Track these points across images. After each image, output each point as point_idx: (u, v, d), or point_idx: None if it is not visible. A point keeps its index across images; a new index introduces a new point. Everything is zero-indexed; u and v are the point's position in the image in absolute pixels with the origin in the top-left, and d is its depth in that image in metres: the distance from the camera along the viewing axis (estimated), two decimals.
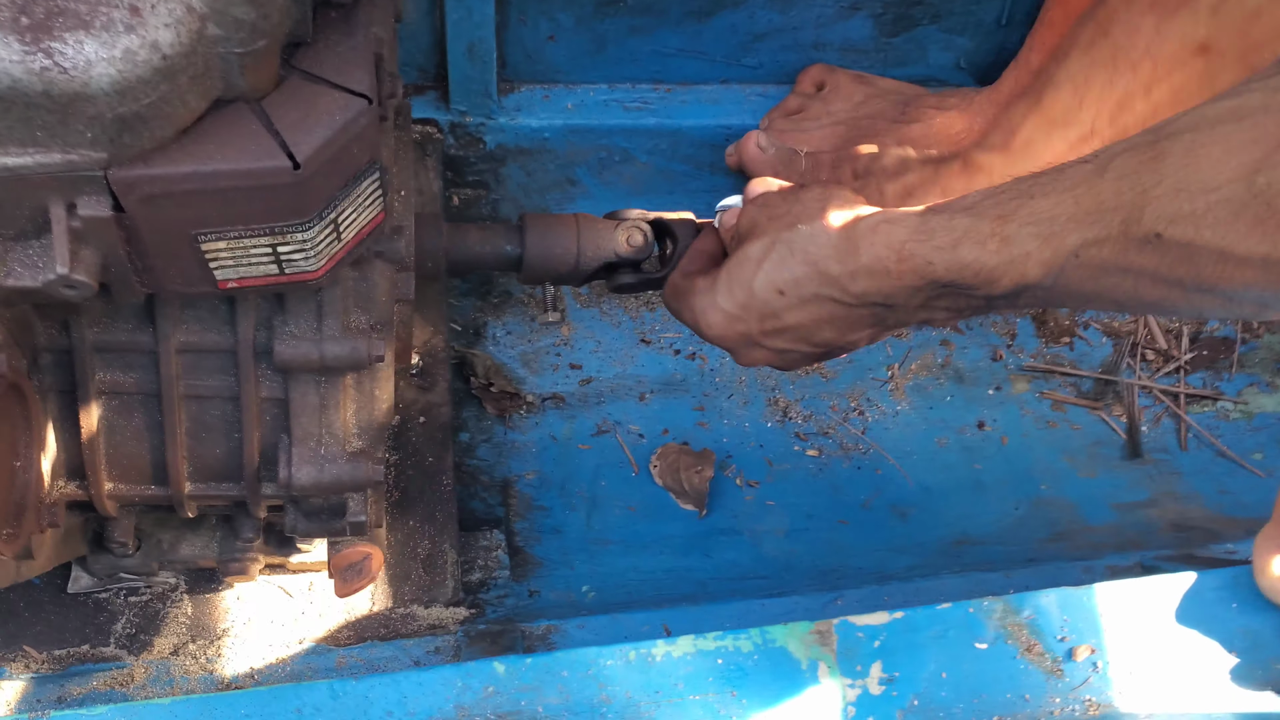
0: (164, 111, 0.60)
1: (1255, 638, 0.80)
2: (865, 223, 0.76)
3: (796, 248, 0.78)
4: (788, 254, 0.78)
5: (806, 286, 0.77)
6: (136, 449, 0.85)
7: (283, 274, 0.72)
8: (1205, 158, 0.56)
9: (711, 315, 0.84)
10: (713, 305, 0.84)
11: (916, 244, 0.72)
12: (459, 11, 1.19)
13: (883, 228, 0.74)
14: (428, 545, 1.07)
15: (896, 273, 0.73)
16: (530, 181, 1.36)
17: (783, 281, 0.78)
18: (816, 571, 1.19)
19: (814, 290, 0.77)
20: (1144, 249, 0.60)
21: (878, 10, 1.31)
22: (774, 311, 0.80)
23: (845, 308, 0.77)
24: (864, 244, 0.75)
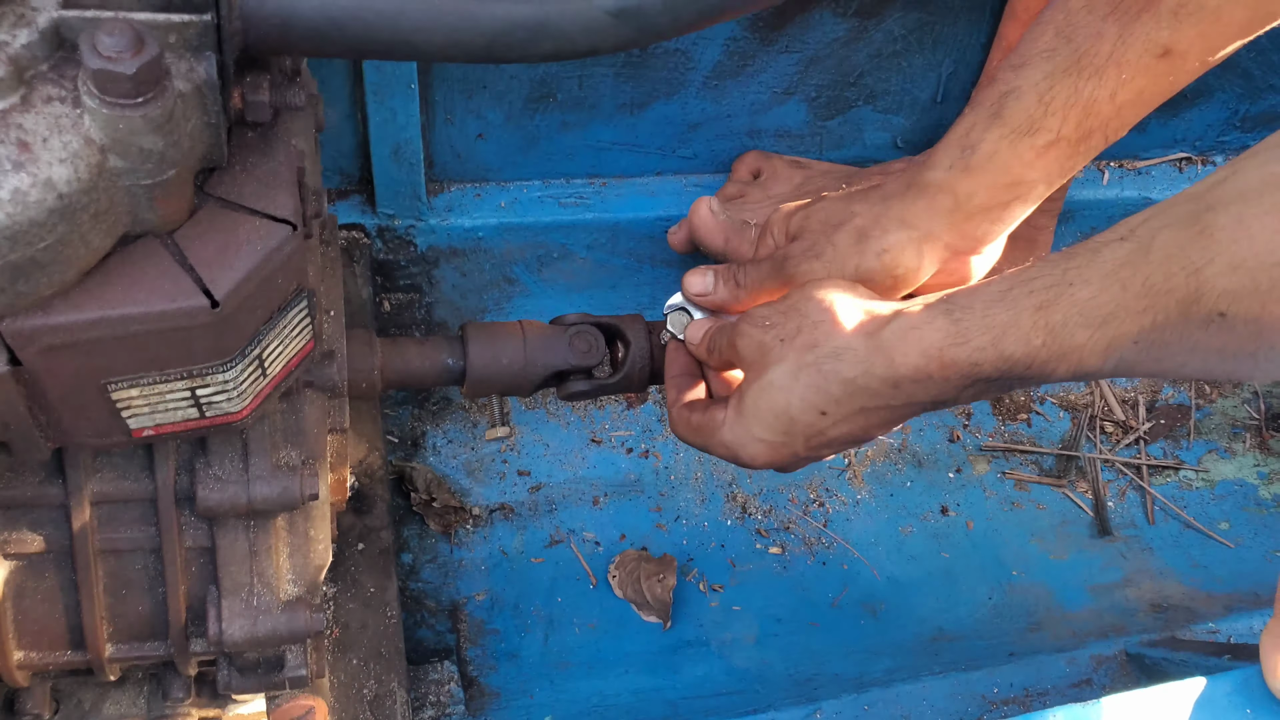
0: (63, 254, 0.54)
1: None
2: (891, 330, 0.73)
3: (827, 370, 0.76)
4: (819, 378, 0.76)
5: (849, 404, 0.76)
6: (49, 613, 0.77)
7: (204, 417, 0.66)
8: (1260, 229, 0.54)
9: (753, 448, 0.82)
10: (750, 438, 0.82)
11: (955, 349, 0.70)
12: (382, 114, 1.14)
13: (912, 335, 0.72)
14: (374, 685, 0.99)
15: (940, 378, 0.71)
16: (465, 282, 1.30)
17: (823, 404, 0.77)
18: (791, 682, 1.13)
19: (859, 405, 0.76)
20: (1208, 328, 0.57)
21: (811, 94, 1.29)
22: (820, 430, 0.78)
23: (893, 410, 0.76)
24: (898, 355, 0.72)
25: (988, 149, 0.86)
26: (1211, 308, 0.57)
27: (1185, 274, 0.58)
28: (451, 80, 1.17)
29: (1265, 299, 0.54)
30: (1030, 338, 0.67)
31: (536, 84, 1.19)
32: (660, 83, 1.22)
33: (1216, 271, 0.56)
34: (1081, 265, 0.65)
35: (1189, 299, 0.58)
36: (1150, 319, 0.60)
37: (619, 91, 1.22)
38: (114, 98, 0.50)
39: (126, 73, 0.50)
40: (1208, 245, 0.56)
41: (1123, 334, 0.62)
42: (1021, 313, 0.67)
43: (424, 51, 0.59)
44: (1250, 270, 0.55)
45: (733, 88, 1.25)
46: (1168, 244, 0.59)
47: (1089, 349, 0.64)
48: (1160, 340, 0.61)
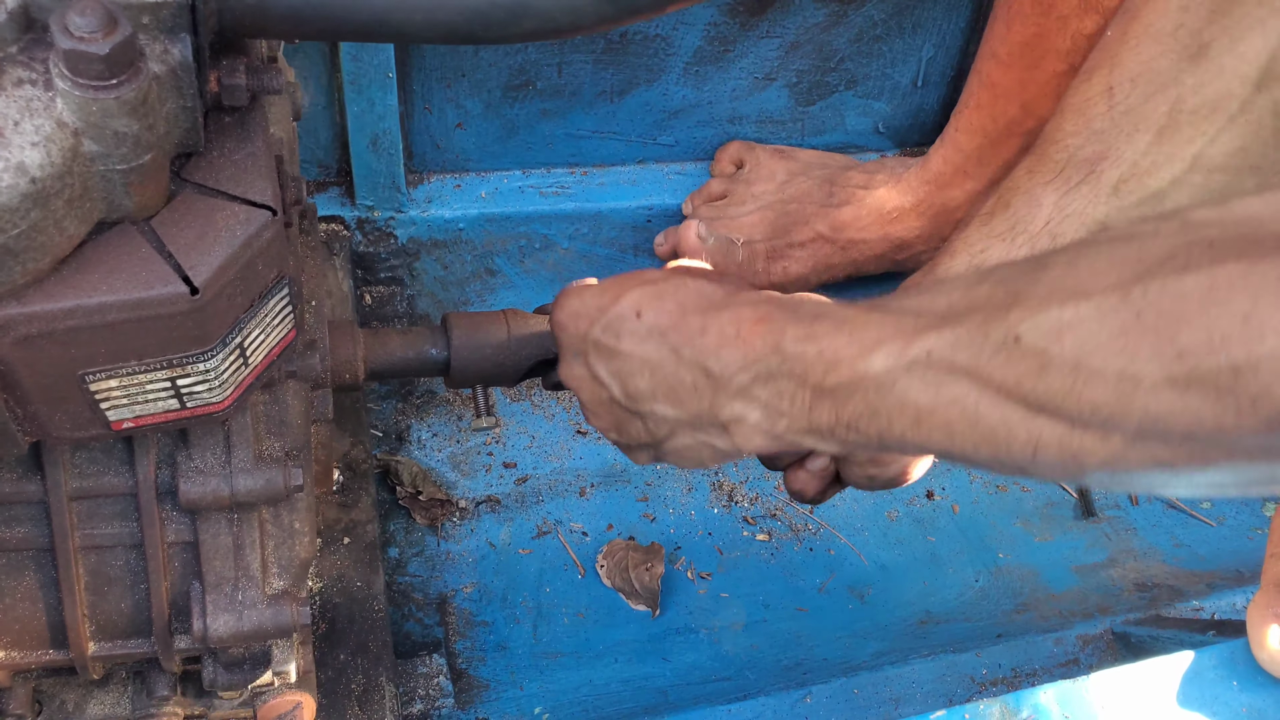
0: (37, 241, 0.53)
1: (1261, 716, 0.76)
2: (752, 294, 0.71)
3: (686, 289, 0.72)
4: (674, 290, 0.72)
5: (658, 320, 0.71)
6: (29, 611, 0.75)
7: (185, 408, 0.65)
8: (1087, 268, 0.51)
9: (569, 301, 0.77)
10: (578, 294, 0.77)
11: (780, 311, 0.66)
12: (360, 104, 1.13)
13: (765, 299, 0.69)
14: (362, 680, 0.99)
15: (750, 332, 0.66)
16: (447, 274, 1.30)
17: (647, 307, 0.72)
18: (780, 667, 1.13)
19: (661, 325, 0.71)
20: (998, 354, 0.53)
21: (792, 80, 1.29)
22: (616, 329, 0.73)
23: (673, 357, 0.70)
24: (741, 304, 0.69)
25: None
26: (1010, 329, 0.52)
27: (1006, 295, 0.54)
28: (429, 69, 1.16)
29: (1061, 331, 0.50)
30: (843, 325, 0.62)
31: (515, 71, 1.18)
32: (640, 69, 1.21)
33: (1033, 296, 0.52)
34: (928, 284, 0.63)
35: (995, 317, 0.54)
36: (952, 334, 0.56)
37: (599, 78, 1.21)
38: (87, 80, 0.50)
39: (99, 54, 0.49)
40: (1037, 276, 0.53)
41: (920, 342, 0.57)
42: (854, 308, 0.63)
43: (402, 32, 0.58)
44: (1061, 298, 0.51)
45: (714, 74, 1.24)
46: (1004, 272, 0.57)
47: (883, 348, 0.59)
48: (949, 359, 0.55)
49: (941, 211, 1.23)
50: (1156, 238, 0.50)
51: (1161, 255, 0.48)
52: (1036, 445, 0.53)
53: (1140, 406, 0.48)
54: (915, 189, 1.23)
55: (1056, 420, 0.51)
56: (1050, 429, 0.52)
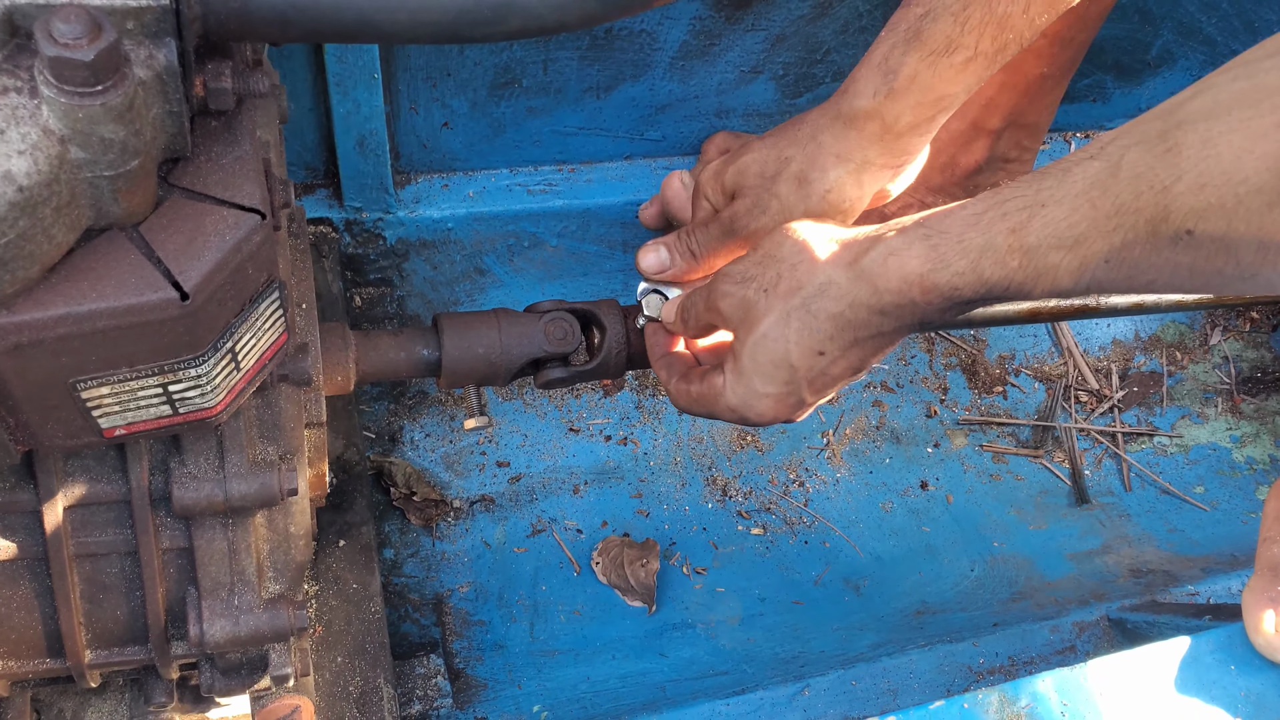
0: (25, 250, 0.52)
1: (1258, 699, 0.76)
2: (871, 259, 0.74)
3: (816, 310, 0.76)
4: (809, 319, 0.77)
5: (842, 338, 0.76)
6: (25, 620, 0.75)
7: (177, 414, 0.65)
8: (1226, 147, 0.54)
9: (760, 404, 0.82)
10: (755, 395, 0.82)
11: (935, 273, 0.70)
12: (346, 105, 1.13)
13: (892, 262, 0.72)
14: (360, 682, 0.98)
15: (923, 302, 0.71)
16: (437, 274, 1.29)
17: (818, 344, 0.77)
18: (778, 660, 1.13)
19: (851, 337, 0.76)
20: (1176, 246, 0.57)
21: (779, 73, 1.29)
22: (821, 370, 0.79)
23: (886, 337, 0.77)
24: (880, 282, 0.73)
25: (909, 72, 0.86)
26: (1179, 225, 0.56)
27: (1153, 192, 0.57)
28: (415, 69, 1.16)
29: (1231, 216, 0.54)
30: (1006, 260, 0.67)
31: (501, 70, 1.18)
32: (626, 65, 1.21)
33: (1184, 189, 0.56)
34: (1053, 185, 0.65)
35: (1157, 217, 0.58)
36: (1120, 238, 0.60)
37: (584, 75, 1.21)
38: (72, 86, 0.49)
39: (84, 60, 0.48)
40: (1175, 163, 0.56)
41: (1094, 253, 0.62)
42: (996, 235, 0.67)
43: (387, 32, 0.58)
44: (1216, 188, 0.54)
45: (700, 68, 1.24)
46: (1136, 162, 0.59)
47: (1063, 269, 0.64)
48: (1130, 259, 0.61)
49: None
50: None
51: None
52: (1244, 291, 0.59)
53: None
54: None
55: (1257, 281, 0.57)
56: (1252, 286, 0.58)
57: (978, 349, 1.44)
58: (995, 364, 1.43)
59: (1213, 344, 1.51)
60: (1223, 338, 1.52)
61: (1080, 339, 1.47)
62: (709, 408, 0.86)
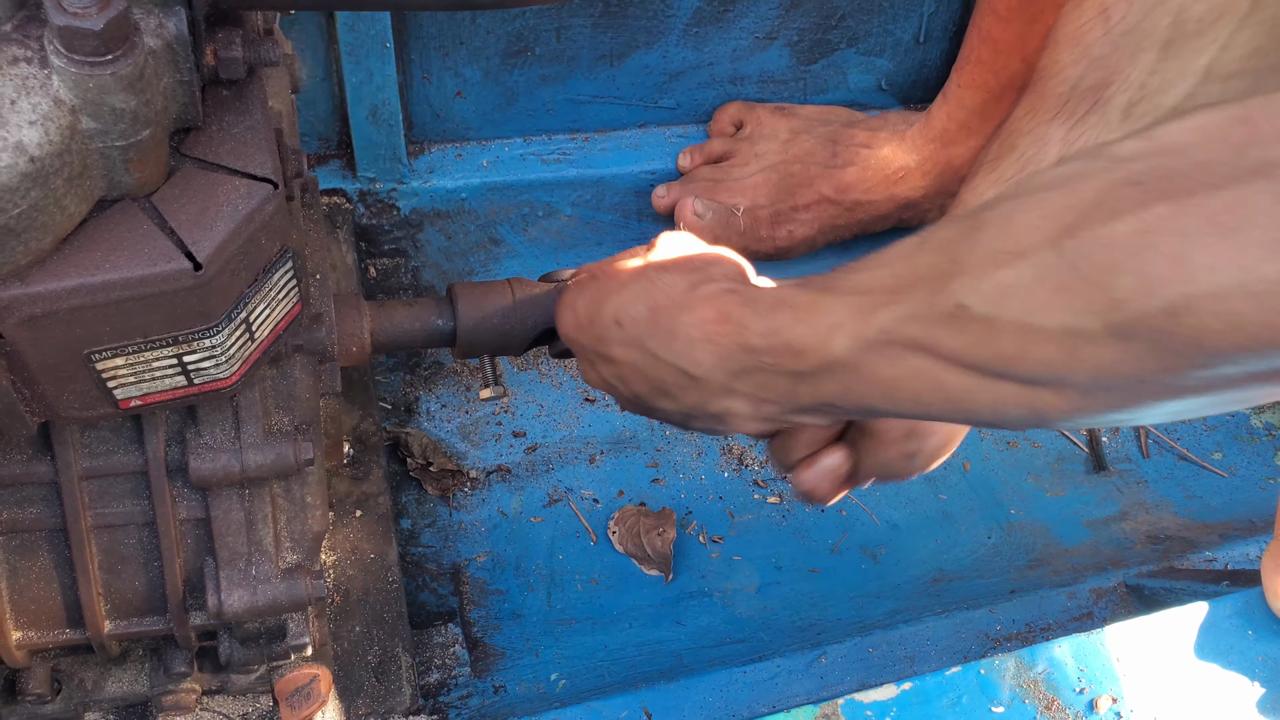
0: (38, 221, 0.52)
1: (1276, 664, 0.76)
2: (712, 286, 0.71)
3: (654, 288, 0.73)
4: (643, 291, 0.73)
5: (634, 329, 0.73)
6: (45, 591, 0.76)
7: (192, 385, 0.65)
8: (1020, 224, 0.50)
9: (565, 314, 0.80)
10: (571, 306, 0.80)
11: (740, 308, 0.67)
12: (358, 75, 1.12)
13: (723, 294, 0.69)
14: (378, 651, 0.99)
15: (715, 334, 0.67)
16: (451, 245, 1.29)
17: (623, 315, 0.74)
18: (794, 628, 1.13)
19: (639, 334, 0.72)
20: (948, 325, 0.53)
21: (794, 38, 1.28)
22: (605, 339, 0.75)
23: (655, 362, 0.72)
24: (700, 302, 0.69)
25: None
26: (955, 299, 0.52)
27: (947, 263, 0.54)
28: (427, 37, 1.15)
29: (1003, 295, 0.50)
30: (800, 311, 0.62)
31: (513, 38, 1.17)
32: (640, 32, 1.20)
33: (973, 262, 0.52)
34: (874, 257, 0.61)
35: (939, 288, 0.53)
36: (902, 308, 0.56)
37: (598, 42, 1.20)
38: (82, 56, 0.49)
39: (94, 29, 0.48)
40: (974, 238, 0.53)
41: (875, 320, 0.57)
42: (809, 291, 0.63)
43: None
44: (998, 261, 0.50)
45: (714, 34, 1.23)
46: (943, 237, 0.56)
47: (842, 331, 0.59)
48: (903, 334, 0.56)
49: (947, 169, 1.22)
50: (1084, 181, 0.49)
51: (1090, 201, 0.48)
52: (999, 406, 0.54)
53: (1088, 359, 0.48)
54: (919, 147, 1.22)
55: (1013, 382, 0.52)
56: (1009, 390, 0.53)
57: None
58: None
59: None
60: None
61: None
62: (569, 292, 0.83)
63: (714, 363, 0.67)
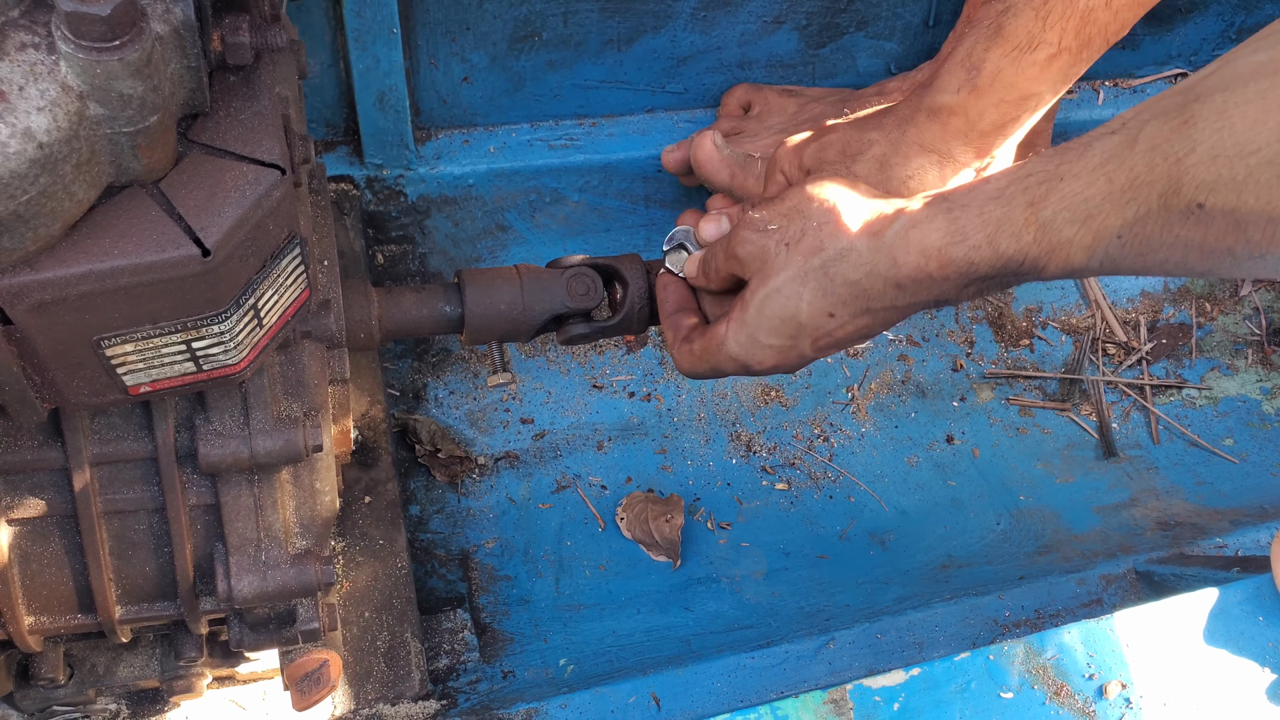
0: (47, 207, 0.52)
1: None
2: (894, 230, 0.73)
3: (833, 273, 0.76)
4: (826, 281, 0.76)
5: (855, 305, 0.76)
6: (56, 577, 0.76)
7: (201, 371, 0.65)
8: (1240, 118, 0.53)
9: (761, 354, 0.82)
10: (757, 345, 0.82)
11: (953, 247, 0.70)
12: (365, 60, 1.12)
13: (913, 235, 0.72)
14: (387, 637, 0.99)
15: (940, 277, 0.71)
16: (458, 231, 1.29)
17: (830, 307, 0.77)
18: (802, 614, 1.13)
19: (864, 306, 0.76)
20: (1187, 221, 0.56)
21: (802, 22, 1.27)
22: (827, 332, 0.79)
23: (898, 310, 0.76)
24: (900, 255, 0.72)
25: (991, 68, 0.85)
26: (1190, 199, 0.55)
27: (1167, 164, 0.57)
28: (434, 23, 1.15)
29: (1241, 189, 0.53)
30: (1022, 234, 0.66)
31: (520, 23, 1.17)
32: (647, 16, 1.20)
33: (1196, 161, 0.55)
34: (1073, 160, 0.64)
35: (1170, 190, 0.57)
36: (1133, 212, 0.59)
37: (605, 27, 1.19)
38: (90, 42, 0.49)
39: (101, 15, 0.48)
40: (1189, 135, 0.55)
41: (1107, 228, 0.61)
42: (1015, 208, 0.66)
43: None
44: (1228, 159, 0.53)
45: (722, 18, 1.22)
46: (1153, 135, 0.58)
47: (1076, 244, 0.64)
48: (1143, 234, 0.60)
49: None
50: None
51: None
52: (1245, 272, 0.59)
53: None
54: None
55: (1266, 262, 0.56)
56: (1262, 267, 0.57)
57: (1004, 301, 1.42)
58: (1022, 317, 1.42)
59: (1243, 295, 1.49)
60: (1253, 289, 1.50)
61: (1108, 291, 1.45)
62: (710, 360, 0.86)
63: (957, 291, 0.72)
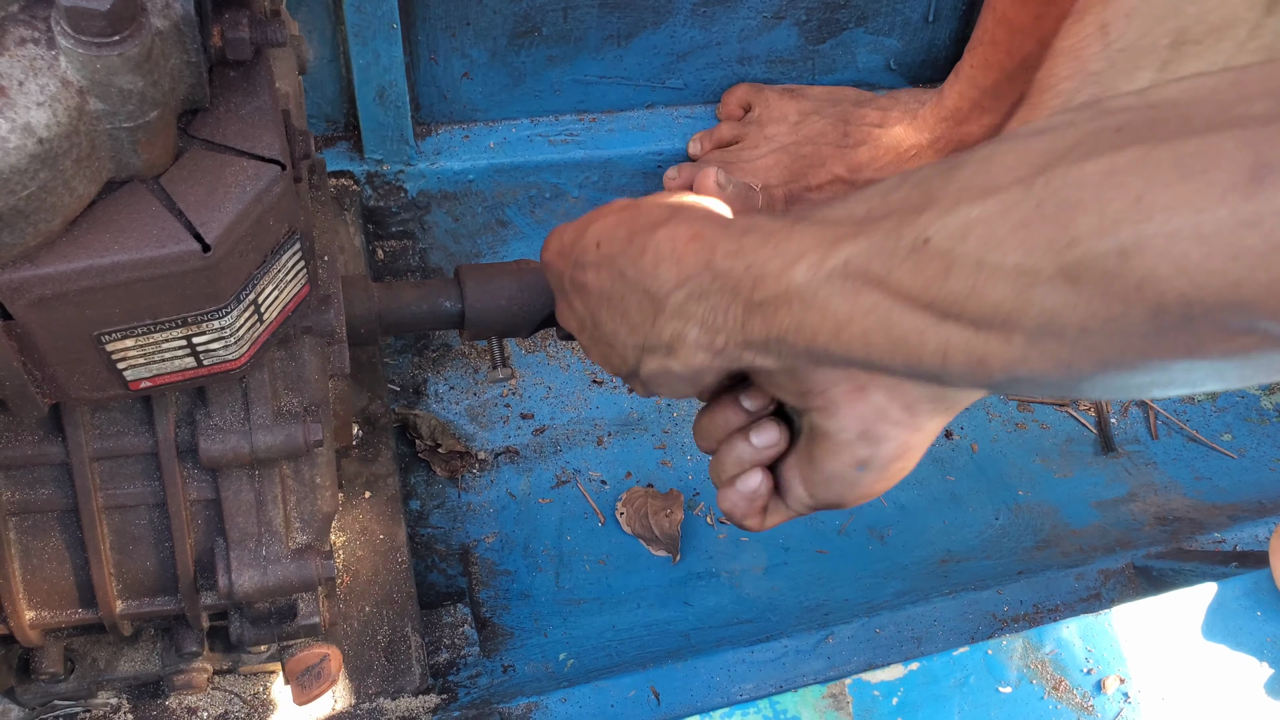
0: (47, 202, 0.52)
1: None
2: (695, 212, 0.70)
3: (639, 213, 0.71)
4: (628, 217, 0.72)
5: (610, 248, 0.71)
6: (57, 571, 0.76)
7: (201, 366, 0.65)
8: (998, 164, 0.50)
9: (551, 240, 0.80)
10: (558, 232, 0.79)
11: (712, 229, 0.66)
12: (365, 56, 1.12)
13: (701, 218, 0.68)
14: (387, 631, 1.00)
15: (682, 251, 0.66)
16: (458, 227, 1.29)
17: (604, 236, 0.72)
18: (802, 608, 1.13)
19: (613, 252, 0.71)
20: (908, 259, 0.52)
21: (802, 18, 1.27)
22: (582, 263, 0.74)
23: (622, 283, 0.70)
24: (678, 222, 0.68)
25: None
26: (920, 231, 0.51)
27: (919, 198, 0.53)
28: (434, 18, 1.15)
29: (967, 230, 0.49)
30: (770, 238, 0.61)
31: (520, 18, 1.17)
32: (647, 11, 1.20)
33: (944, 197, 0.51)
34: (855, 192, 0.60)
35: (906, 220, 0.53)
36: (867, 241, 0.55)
37: (605, 22, 1.19)
38: (89, 36, 0.49)
39: (101, 10, 0.48)
40: (951, 177, 0.52)
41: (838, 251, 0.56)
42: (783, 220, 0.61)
43: None
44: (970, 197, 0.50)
45: (721, 14, 1.22)
46: (922, 175, 0.55)
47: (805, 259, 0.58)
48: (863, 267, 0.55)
49: (959, 147, 1.21)
50: (1070, 128, 0.49)
51: (1069, 144, 0.47)
52: (945, 351, 0.52)
53: (1037, 302, 0.47)
54: (932, 126, 1.21)
55: (962, 324, 0.51)
56: (957, 334, 0.51)
57: None
58: None
59: None
60: None
61: None
62: None
63: (675, 281, 0.66)
